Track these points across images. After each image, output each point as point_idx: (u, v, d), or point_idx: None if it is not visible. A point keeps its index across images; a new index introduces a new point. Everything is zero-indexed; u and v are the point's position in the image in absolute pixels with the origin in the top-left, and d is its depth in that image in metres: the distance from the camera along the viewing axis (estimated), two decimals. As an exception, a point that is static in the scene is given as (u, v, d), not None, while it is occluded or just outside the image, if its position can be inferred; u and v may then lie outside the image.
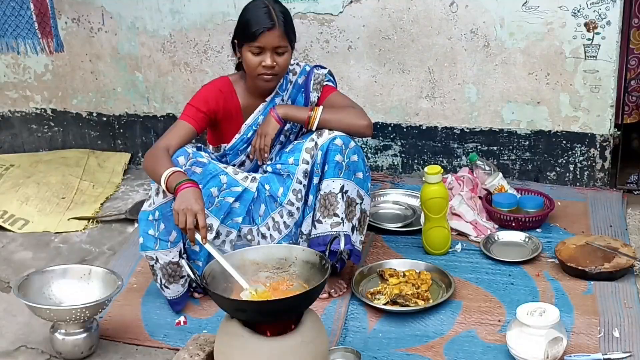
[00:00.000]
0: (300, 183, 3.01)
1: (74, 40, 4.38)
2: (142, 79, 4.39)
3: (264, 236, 3.08)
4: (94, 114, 4.54)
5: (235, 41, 3.03)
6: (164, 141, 2.94)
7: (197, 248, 2.99)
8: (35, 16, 3.92)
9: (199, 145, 3.15)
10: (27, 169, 4.35)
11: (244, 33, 2.95)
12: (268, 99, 3.11)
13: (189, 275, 3.03)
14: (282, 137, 3.14)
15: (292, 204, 3.03)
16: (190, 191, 2.65)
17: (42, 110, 4.59)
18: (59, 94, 4.54)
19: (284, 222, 3.06)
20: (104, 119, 4.53)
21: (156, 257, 2.95)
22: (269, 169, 3.10)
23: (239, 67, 3.15)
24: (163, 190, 2.85)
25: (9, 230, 3.78)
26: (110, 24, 4.31)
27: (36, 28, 3.93)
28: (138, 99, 4.43)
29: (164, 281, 2.99)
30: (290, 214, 3.04)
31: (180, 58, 4.29)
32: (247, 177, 3.07)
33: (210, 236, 2.96)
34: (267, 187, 3.06)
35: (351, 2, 3.96)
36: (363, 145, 4.16)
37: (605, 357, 2.63)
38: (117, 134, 4.54)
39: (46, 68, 4.48)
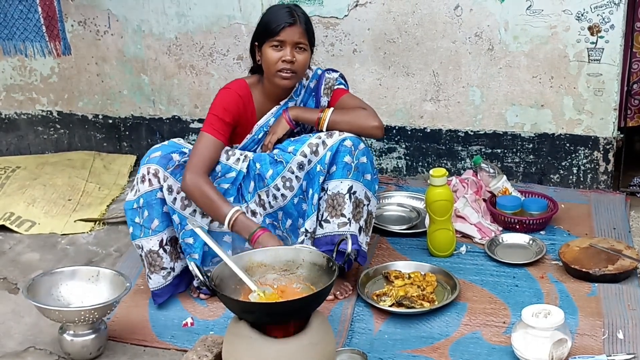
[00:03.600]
0: (293, 173, 3.03)
1: (80, 43, 4.40)
2: (147, 82, 4.41)
3: (253, 213, 3.11)
4: (100, 116, 4.56)
5: (256, 43, 3.08)
6: (203, 164, 2.99)
7: (191, 240, 3.02)
8: (43, 19, 3.93)
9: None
10: (33, 170, 4.37)
11: (266, 31, 3.02)
12: (282, 102, 3.14)
13: (188, 275, 3.09)
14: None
15: (278, 189, 3.05)
16: (265, 236, 2.87)
17: (48, 112, 4.61)
18: (65, 97, 4.56)
19: (269, 202, 3.09)
20: (110, 121, 4.55)
21: (141, 244, 3.03)
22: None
23: (253, 71, 3.19)
24: (149, 179, 2.97)
25: (16, 232, 3.80)
26: (116, 26, 4.33)
27: (44, 31, 3.95)
28: (144, 101, 4.46)
29: (147, 271, 3.05)
30: (275, 197, 3.07)
31: (186, 61, 4.31)
32: (238, 158, 3.10)
33: (206, 220, 3.05)
34: (257, 165, 3.09)
35: (356, 5, 3.99)
36: (368, 147, 4.18)
37: (610, 358, 2.65)
38: (123, 136, 4.56)
39: (52, 70, 4.50)
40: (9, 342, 2.97)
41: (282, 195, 3.06)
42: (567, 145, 3.97)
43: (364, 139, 3.08)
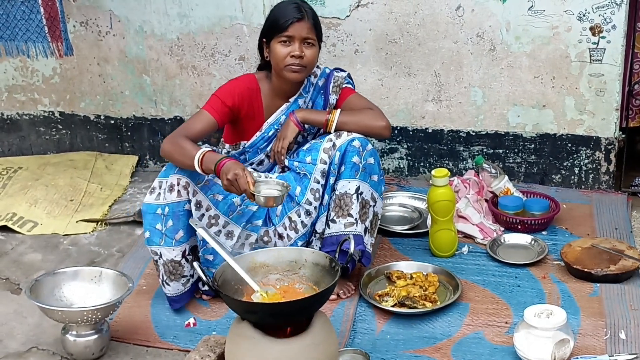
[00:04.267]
0: (318, 183, 3.04)
1: (82, 43, 4.41)
2: (149, 82, 4.41)
3: (280, 236, 3.10)
4: (102, 117, 4.56)
5: (264, 40, 3.08)
6: (186, 130, 2.97)
7: (211, 257, 3.01)
8: (45, 20, 3.94)
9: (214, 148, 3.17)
10: (35, 171, 4.37)
11: (274, 27, 3.02)
12: (291, 99, 3.15)
13: (199, 278, 3.08)
14: (299, 138, 3.18)
15: (310, 203, 3.06)
16: (230, 163, 2.75)
17: (50, 113, 4.62)
18: (67, 97, 4.56)
19: (302, 222, 3.08)
20: (112, 121, 4.56)
21: (160, 252, 2.99)
22: (287, 167, 3.13)
23: (261, 68, 3.19)
24: (178, 190, 2.90)
25: (18, 232, 3.80)
26: (118, 27, 4.33)
27: (46, 32, 3.95)
28: (146, 102, 4.46)
29: (165, 277, 3.02)
30: (308, 213, 3.06)
31: (187, 61, 4.31)
32: None
33: (230, 242, 3.00)
34: None
35: (358, 6, 3.99)
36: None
37: (612, 358, 2.65)
38: (125, 137, 4.56)
39: (54, 71, 4.51)
40: (12, 342, 2.97)
41: (315, 208, 3.06)
42: (569, 145, 3.97)
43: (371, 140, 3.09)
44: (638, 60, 4.04)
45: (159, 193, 2.96)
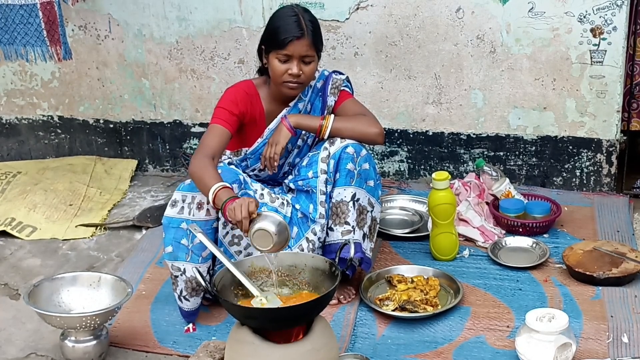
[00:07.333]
0: (324, 194, 3.01)
1: (80, 47, 4.39)
2: (148, 86, 4.40)
3: None
4: (101, 121, 4.55)
5: (263, 47, 3.04)
6: (207, 149, 2.90)
7: None
8: (44, 24, 3.92)
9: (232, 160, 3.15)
10: (34, 176, 4.36)
11: (273, 40, 2.96)
12: (291, 104, 3.12)
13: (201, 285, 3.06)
14: (299, 142, 3.15)
15: (323, 217, 3.03)
16: (237, 201, 2.61)
17: (49, 117, 4.60)
18: (65, 101, 4.55)
19: (319, 238, 3.04)
20: (111, 125, 4.54)
21: (185, 268, 2.90)
22: (292, 186, 3.10)
23: (261, 71, 3.17)
24: (207, 209, 2.86)
25: (17, 238, 3.79)
26: (117, 31, 4.32)
27: (45, 36, 3.94)
28: (145, 105, 4.45)
29: (185, 293, 2.94)
30: (322, 228, 3.03)
31: (186, 65, 4.30)
32: (282, 203, 3.07)
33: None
34: (297, 206, 3.06)
35: (357, 8, 3.98)
36: (370, 151, 4.17)
37: (615, 362, 2.65)
38: (124, 141, 4.55)
39: (53, 75, 4.49)
40: (10, 348, 2.96)
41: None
42: (570, 147, 3.95)
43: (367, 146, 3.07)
44: (636, 63, 4.01)
45: (182, 207, 2.88)
